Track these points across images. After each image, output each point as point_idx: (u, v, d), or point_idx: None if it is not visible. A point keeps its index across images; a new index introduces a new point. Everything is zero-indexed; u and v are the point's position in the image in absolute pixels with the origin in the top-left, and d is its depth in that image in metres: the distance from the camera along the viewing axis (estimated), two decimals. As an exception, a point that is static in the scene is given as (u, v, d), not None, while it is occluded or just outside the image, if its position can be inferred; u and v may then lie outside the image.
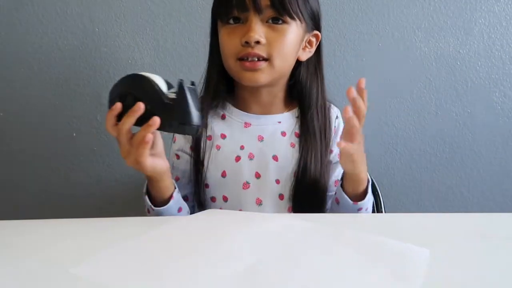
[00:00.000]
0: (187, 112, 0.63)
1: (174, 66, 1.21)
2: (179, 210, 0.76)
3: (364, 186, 0.76)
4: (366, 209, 0.78)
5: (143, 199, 0.75)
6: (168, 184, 0.73)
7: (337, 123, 0.88)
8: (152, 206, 0.73)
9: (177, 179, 0.85)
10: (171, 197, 0.74)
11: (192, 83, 0.66)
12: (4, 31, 1.17)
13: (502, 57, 1.24)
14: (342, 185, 0.77)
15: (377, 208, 0.94)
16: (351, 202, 0.75)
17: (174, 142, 0.88)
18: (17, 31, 1.17)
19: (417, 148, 1.28)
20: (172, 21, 1.18)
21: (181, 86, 0.63)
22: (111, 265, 0.50)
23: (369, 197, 0.77)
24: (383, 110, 1.25)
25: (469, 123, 1.28)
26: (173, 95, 0.63)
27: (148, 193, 0.75)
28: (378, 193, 0.92)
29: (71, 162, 1.24)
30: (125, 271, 0.49)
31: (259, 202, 0.81)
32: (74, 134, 1.22)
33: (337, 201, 0.78)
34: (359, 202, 0.76)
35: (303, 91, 0.84)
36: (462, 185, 1.31)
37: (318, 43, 0.84)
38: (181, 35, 1.19)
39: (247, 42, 0.74)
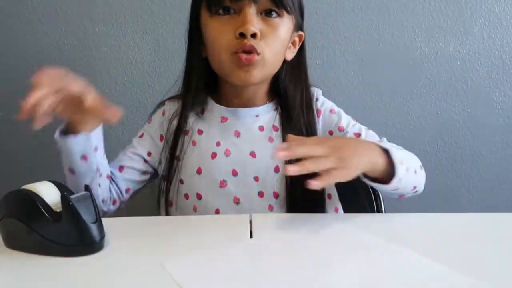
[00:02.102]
0: (79, 232, 0.53)
1: (174, 66, 1.20)
2: (95, 149, 0.72)
3: (382, 160, 0.64)
4: (407, 169, 0.67)
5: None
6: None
7: (318, 104, 0.84)
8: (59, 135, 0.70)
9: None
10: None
11: (86, 188, 0.58)
12: (4, 31, 1.17)
13: (502, 57, 1.24)
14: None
15: (377, 208, 0.94)
16: (385, 186, 0.65)
17: (148, 124, 0.86)
18: (17, 31, 1.17)
19: (417, 148, 1.28)
20: (172, 21, 1.18)
21: (66, 200, 0.53)
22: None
23: (399, 163, 0.65)
24: (383, 110, 1.25)
25: (469, 123, 1.28)
26: (59, 209, 0.53)
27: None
28: (378, 193, 0.92)
29: (71, 162, 1.24)
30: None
31: (236, 201, 0.78)
32: (74, 134, 1.22)
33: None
34: (393, 181, 0.64)
35: (285, 91, 0.81)
36: (462, 185, 1.31)
37: (300, 43, 0.82)
38: (181, 35, 1.19)
39: (242, 34, 0.70)
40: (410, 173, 0.69)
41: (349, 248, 0.55)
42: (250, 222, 0.64)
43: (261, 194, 0.79)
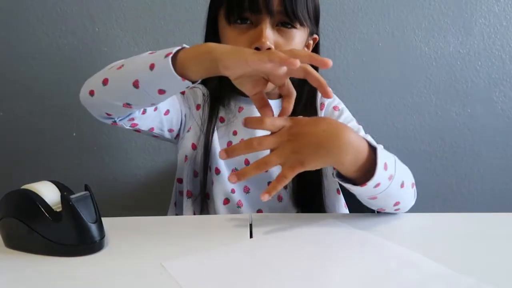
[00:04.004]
0: (80, 232, 0.53)
1: (174, 66, 1.20)
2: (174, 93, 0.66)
3: (363, 158, 0.57)
4: (391, 177, 0.59)
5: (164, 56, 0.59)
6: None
7: (323, 99, 0.85)
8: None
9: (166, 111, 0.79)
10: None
11: (86, 188, 0.57)
12: (4, 31, 1.17)
13: (502, 57, 1.24)
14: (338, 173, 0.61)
15: (377, 208, 0.94)
16: (358, 187, 0.58)
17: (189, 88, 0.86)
18: (17, 31, 1.17)
19: (417, 148, 1.28)
20: (172, 21, 1.18)
21: (66, 200, 0.53)
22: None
23: (381, 167, 0.57)
24: (383, 110, 1.25)
25: (469, 123, 1.28)
26: (59, 209, 0.53)
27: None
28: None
29: (71, 162, 1.24)
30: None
31: (246, 190, 0.80)
32: (74, 134, 1.22)
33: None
34: (368, 183, 0.57)
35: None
36: (462, 185, 1.31)
37: (314, 45, 0.84)
38: (181, 35, 1.19)
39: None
40: (394, 183, 0.61)
41: (349, 248, 0.55)
42: (250, 222, 0.64)
43: None
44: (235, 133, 0.82)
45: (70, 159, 1.24)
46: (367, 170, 0.58)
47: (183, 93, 0.85)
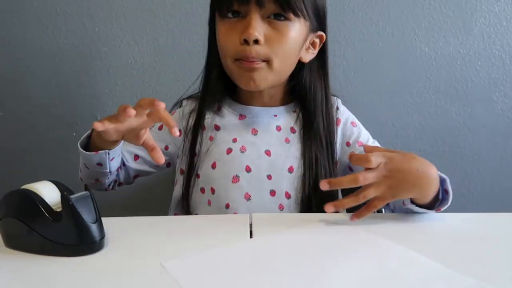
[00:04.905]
0: (80, 232, 0.53)
1: (174, 66, 1.20)
2: (112, 159, 0.76)
3: (437, 188, 0.67)
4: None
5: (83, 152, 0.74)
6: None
7: (339, 114, 0.85)
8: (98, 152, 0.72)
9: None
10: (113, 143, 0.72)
11: (86, 188, 0.58)
12: (4, 31, 1.17)
13: (502, 57, 1.24)
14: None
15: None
16: (432, 211, 0.67)
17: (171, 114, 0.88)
18: (17, 31, 1.17)
19: (417, 148, 1.28)
20: (172, 21, 1.18)
21: (66, 200, 0.52)
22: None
23: (451, 196, 0.68)
24: (383, 110, 1.25)
25: (469, 123, 1.28)
26: (59, 209, 0.53)
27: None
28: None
29: (71, 162, 1.24)
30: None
31: (247, 197, 0.78)
32: (74, 134, 1.22)
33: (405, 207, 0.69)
34: (442, 208, 0.68)
35: (306, 94, 0.81)
36: (462, 185, 1.31)
37: (322, 44, 0.81)
38: (181, 35, 1.19)
39: (245, 40, 0.71)
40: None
41: (349, 248, 0.55)
42: (250, 222, 0.64)
43: (272, 193, 0.79)
44: (235, 140, 0.81)
45: (70, 159, 1.23)
46: (436, 195, 0.67)
47: (160, 128, 0.86)
